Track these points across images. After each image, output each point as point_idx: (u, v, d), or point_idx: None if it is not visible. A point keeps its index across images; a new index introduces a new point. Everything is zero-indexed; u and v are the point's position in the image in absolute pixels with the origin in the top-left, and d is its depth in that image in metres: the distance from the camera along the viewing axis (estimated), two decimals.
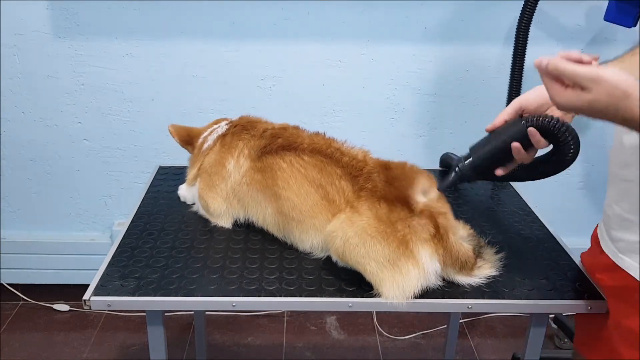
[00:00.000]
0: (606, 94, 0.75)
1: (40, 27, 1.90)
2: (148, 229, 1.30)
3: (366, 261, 1.05)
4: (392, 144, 2.08)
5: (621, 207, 0.93)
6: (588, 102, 0.76)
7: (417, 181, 1.12)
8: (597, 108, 0.76)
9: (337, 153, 1.19)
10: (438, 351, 2.12)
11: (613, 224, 0.97)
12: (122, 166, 2.12)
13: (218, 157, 1.31)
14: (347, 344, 2.15)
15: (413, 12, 1.90)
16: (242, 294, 1.07)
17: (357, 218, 1.07)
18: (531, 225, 1.34)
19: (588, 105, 0.76)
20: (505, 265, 1.16)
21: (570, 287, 1.11)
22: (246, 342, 2.15)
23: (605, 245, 1.00)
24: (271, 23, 1.91)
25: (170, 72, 1.98)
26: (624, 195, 0.93)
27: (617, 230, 0.95)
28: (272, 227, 1.24)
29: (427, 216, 1.07)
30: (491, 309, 1.11)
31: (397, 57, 1.96)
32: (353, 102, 2.03)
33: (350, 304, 1.06)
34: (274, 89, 2.01)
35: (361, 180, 1.13)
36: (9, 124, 2.04)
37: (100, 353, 2.07)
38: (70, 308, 2.28)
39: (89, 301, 1.05)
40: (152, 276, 1.12)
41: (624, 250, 0.94)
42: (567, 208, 2.20)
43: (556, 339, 2.18)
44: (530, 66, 1.82)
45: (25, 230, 2.22)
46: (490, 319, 2.30)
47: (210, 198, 1.30)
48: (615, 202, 0.95)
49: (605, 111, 0.76)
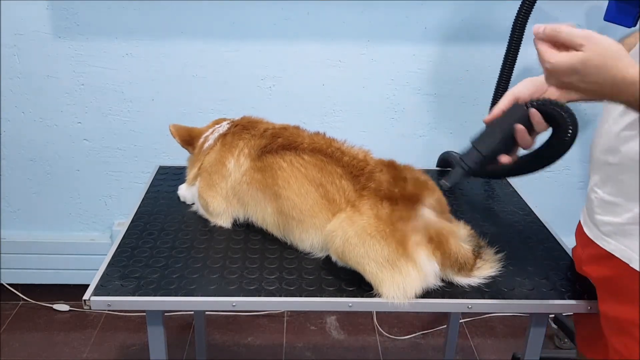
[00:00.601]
0: (599, 53, 0.77)
1: (40, 27, 1.90)
2: (148, 229, 1.30)
3: (365, 261, 1.05)
4: (392, 144, 2.08)
5: (604, 190, 0.96)
6: (581, 60, 0.78)
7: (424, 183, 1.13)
8: (589, 66, 0.78)
9: (337, 152, 1.19)
10: (438, 351, 2.12)
11: (596, 209, 0.99)
12: (122, 166, 2.12)
13: (219, 156, 1.31)
14: (347, 344, 2.15)
15: (413, 12, 1.90)
16: (242, 294, 1.07)
17: (357, 217, 1.07)
18: (531, 225, 1.34)
19: (581, 63, 0.78)
20: (505, 265, 1.16)
21: (570, 287, 1.11)
22: (246, 342, 2.15)
23: (590, 231, 1.01)
24: (271, 23, 1.91)
25: (170, 72, 1.98)
26: (608, 179, 0.95)
27: (602, 214, 0.97)
28: (272, 226, 1.24)
29: (428, 217, 1.07)
30: (491, 309, 1.11)
31: (397, 57, 1.96)
32: (353, 102, 2.03)
33: (350, 304, 1.06)
34: (274, 89, 2.01)
35: (363, 180, 1.13)
36: (9, 124, 2.04)
37: (100, 353, 2.07)
38: (70, 308, 2.28)
39: (89, 301, 1.06)
40: (152, 276, 1.12)
41: (610, 233, 0.96)
42: (567, 208, 2.20)
43: (556, 339, 2.18)
44: (531, 65, 1.82)
45: (25, 230, 2.22)
46: (490, 319, 2.30)
47: (210, 197, 1.30)
48: (599, 187, 0.97)
49: (596, 71, 0.78)
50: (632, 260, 0.91)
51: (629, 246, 0.92)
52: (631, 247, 0.92)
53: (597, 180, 0.98)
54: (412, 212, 1.07)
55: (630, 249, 0.92)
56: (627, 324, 0.93)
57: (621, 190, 0.93)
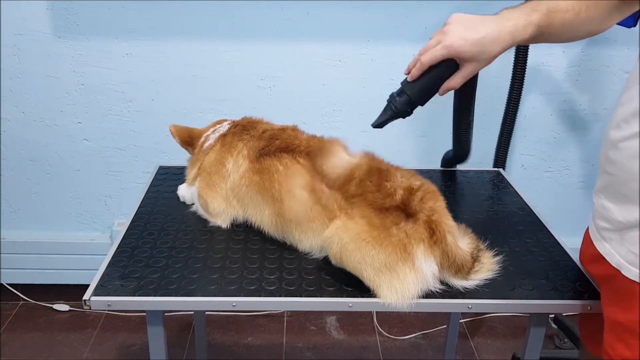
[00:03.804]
0: None
1: (40, 27, 1.90)
2: (148, 229, 1.30)
3: (363, 267, 1.05)
4: (392, 144, 2.08)
5: (604, 196, 0.97)
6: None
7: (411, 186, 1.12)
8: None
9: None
10: (438, 351, 2.12)
11: (597, 213, 1.00)
12: (122, 166, 2.12)
13: (218, 156, 1.31)
14: (347, 344, 2.15)
15: (413, 12, 1.90)
16: (242, 294, 1.07)
17: (351, 224, 1.07)
18: (531, 226, 1.34)
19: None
20: (505, 265, 1.16)
21: (570, 287, 1.11)
22: (246, 342, 2.15)
23: (592, 234, 1.03)
24: (271, 23, 1.91)
25: (170, 72, 1.98)
26: (607, 187, 0.96)
27: (601, 219, 0.98)
28: (270, 228, 1.23)
29: (423, 220, 1.07)
30: (491, 309, 1.11)
31: (397, 57, 1.96)
32: (353, 102, 2.03)
33: (350, 304, 1.06)
34: (274, 89, 2.01)
35: (352, 187, 1.12)
36: (9, 124, 2.04)
37: (100, 353, 2.07)
38: (70, 308, 2.28)
39: (89, 301, 1.05)
40: (152, 276, 1.12)
41: (606, 237, 0.97)
42: (567, 208, 2.20)
43: (556, 339, 2.18)
44: (531, 65, 1.82)
45: (25, 230, 2.22)
46: (490, 319, 2.30)
47: (210, 197, 1.30)
48: (601, 192, 0.98)
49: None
50: (622, 267, 0.92)
51: (619, 252, 0.93)
52: (620, 254, 0.93)
53: (600, 185, 0.99)
54: (405, 215, 1.07)
55: (619, 254, 0.93)
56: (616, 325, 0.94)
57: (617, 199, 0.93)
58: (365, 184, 1.11)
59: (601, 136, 2.08)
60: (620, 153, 0.90)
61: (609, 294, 0.99)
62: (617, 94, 0.94)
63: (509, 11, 0.99)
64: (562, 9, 0.98)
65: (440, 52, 1.02)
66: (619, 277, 0.92)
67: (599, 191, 0.99)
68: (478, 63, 1.02)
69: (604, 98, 2.04)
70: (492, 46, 0.98)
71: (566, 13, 0.98)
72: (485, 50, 0.99)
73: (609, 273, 0.95)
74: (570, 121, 2.09)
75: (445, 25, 1.02)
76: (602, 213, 0.97)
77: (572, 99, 2.05)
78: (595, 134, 2.09)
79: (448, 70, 1.04)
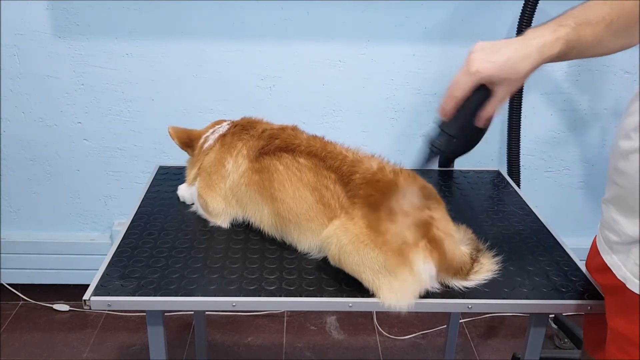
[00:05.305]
0: None
1: (40, 27, 1.90)
2: (148, 229, 1.30)
3: (361, 269, 1.04)
4: (392, 144, 2.08)
5: (614, 208, 0.95)
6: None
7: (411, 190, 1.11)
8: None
9: (329, 156, 1.18)
10: (438, 351, 2.12)
11: (605, 224, 0.99)
12: (122, 166, 2.12)
13: (218, 156, 1.31)
14: (347, 344, 2.15)
15: (413, 12, 1.90)
16: (242, 294, 1.07)
17: (350, 225, 1.07)
18: (531, 225, 1.34)
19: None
20: (505, 265, 1.16)
21: (570, 287, 1.11)
22: (246, 342, 2.15)
23: (600, 245, 1.02)
24: (271, 23, 1.91)
25: (170, 72, 1.98)
26: (615, 198, 0.95)
27: (610, 230, 0.97)
28: (270, 228, 1.23)
29: (422, 222, 1.07)
30: (491, 309, 1.11)
31: (397, 57, 1.96)
32: (353, 102, 2.03)
33: (350, 304, 1.06)
34: (274, 89, 2.01)
35: (354, 187, 1.12)
36: (9, 124, 2.04)
37: (100, 353, 2.07)
38: (70, 308, 2.28)
39: (89, 301, 1.05)
40: (152, 276, 1.12)
41: (614, 249, 0.96)
42: (567, 208, 2.20)
43: (556, 339, 2.18)
44: None
45: (25, 230, 2.22)
46: (490, 319, 2.30)
47: (210, 197, 1.30)
48: (610, 202, 0.97)
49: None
50: (627, 280, 0.91)
51: (625, 265, 0.92)
52: (627, 266, 0.92)
53: (608, 195, 0.97)
54: (405, 217, 1.07)
55: (626, 267, 0.92)
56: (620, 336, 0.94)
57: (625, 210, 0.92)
58: (367, 184, 1.11)
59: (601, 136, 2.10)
60: (631, 165, 0.88)
61: (614, 304, 0.98)
62: (617, 94, 0.94)
63: (534, 30, 0.95)
64: (592, 21, 0.92)
65: (470, 80, 0.96)
66: (625, 289, 0.91)
67: (608, 202, 0.97)
68: (509, 84, 0.96)
69: (604, 98, 2.04)
70: (520, 65, 0.93)
71: (597, 26, 0.92)
72: (514, 70, 0.94)
73: (614, 284, 0.94)
74: (570, 121, 2.09)
75: (469, 54, 0.97)
76: (611, 225, 0.96)
77: (572, 99, 2.05)
78: (595, 134, 2.09)
79: (481, 98, 0.98)
